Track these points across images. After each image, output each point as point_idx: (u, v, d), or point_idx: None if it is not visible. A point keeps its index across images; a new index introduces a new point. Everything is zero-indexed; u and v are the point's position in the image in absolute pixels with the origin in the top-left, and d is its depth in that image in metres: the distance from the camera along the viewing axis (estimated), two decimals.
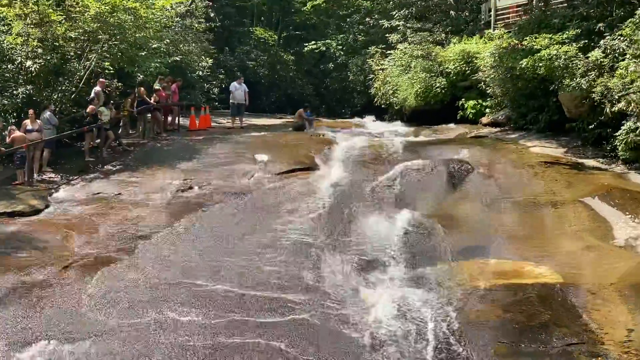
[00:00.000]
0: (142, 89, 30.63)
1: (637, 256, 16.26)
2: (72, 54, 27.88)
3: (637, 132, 18.27)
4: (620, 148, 21.86)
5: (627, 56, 18.89)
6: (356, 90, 49.03)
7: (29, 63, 26.84)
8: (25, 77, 26.96)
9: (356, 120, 41.55)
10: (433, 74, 36.50)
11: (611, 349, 12.90)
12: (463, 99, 34.57)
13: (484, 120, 32.80)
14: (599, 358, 12.68)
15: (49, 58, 27.13)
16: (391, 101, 40.14)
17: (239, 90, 36.97)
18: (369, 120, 40.52)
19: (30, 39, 26.69)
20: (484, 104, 33.20)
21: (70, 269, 16.54)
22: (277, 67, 51.12)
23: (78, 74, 28.01)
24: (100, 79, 28.21)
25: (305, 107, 38.69)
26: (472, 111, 33.72)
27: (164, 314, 14.10)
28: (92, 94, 27.56)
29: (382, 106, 41.83)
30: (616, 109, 18.81)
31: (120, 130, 29.44)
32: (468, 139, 29.23)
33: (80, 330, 13.60)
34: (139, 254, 17.32)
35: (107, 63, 28.95)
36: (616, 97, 18.52)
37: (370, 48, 45.16)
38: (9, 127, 24.00)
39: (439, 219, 19.04)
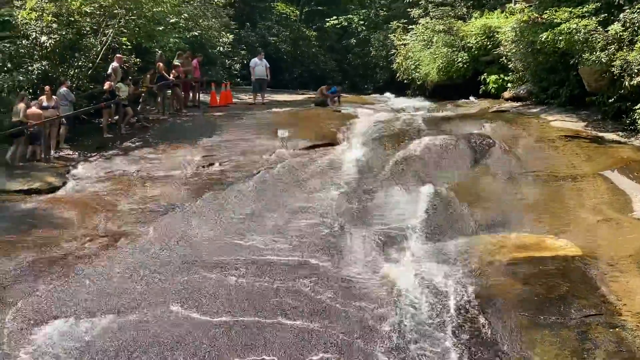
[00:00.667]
0: (161, 64, 30.68)
1: None
2: (87, 29, 27.98)
3: None
4: (639, 121, 21.90)
5: None
6: (378, 66, 49.05)
7: (43, 38, 26.91)
8: (40, 53, 27.07)
9: (378, 95, 41.51)
10: (455, 49, 36.51)
11: (629, 320, 12.99)
12: (485, 74, 34.55)
13: (506, 94, 32.81)
14: (617, 329, 12.77)
15: (64, 33, 27.22)
16: (413, 76, 40.17)
17: (259, 66, 36.87)
18: (391, 96, 40.51)
19: (44, 14, 26.77)
20: (505, 78, 33.19)
21: (88, 246, 16.69)
22: (299, 43, 51.09)
23: (94, 49, 28.12)
24: (118, 55, 28.31)
25: (328, 84, 38.75)
26: (494, 86, 33.73)
27: (187, 281, 14.38)
28: (110, 70, 27.68)
29: (405, 81, 41.87)
30: (635, 82, 18.85)
31: (139, 106, 29.55)
32: (490, 113, 29.26)
33: (100, 307, 13.75)
34: (158, 231, 17.43)
35: (124, 38, 29.05)
36: (635, 70, 18.55)
37: (392, 23, 45.16)
38: (20, 105, 24.07)
39: (461, 193, 19.12)
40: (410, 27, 41.74)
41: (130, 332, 12.87)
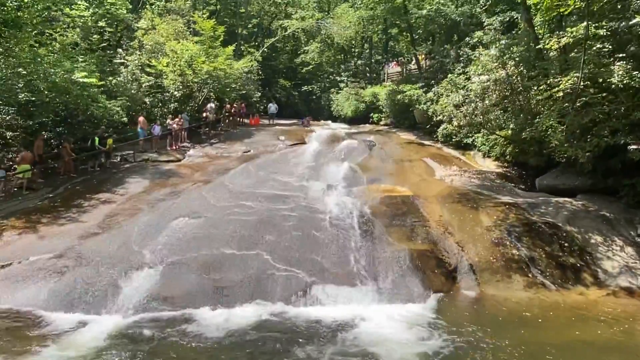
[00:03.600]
0: (228, 106, 30.45)
1: (445, 184, 16.45)
2: (195, 89, 27.58)
3: (446, 129, 18.63)
4: (439, 136, 22.18)
5: (443, 96, 19.05)
6: (325, 109, 48.43)
7: (175, 93, 26.67)
8: (174, 99, 26.81)
9: (324, 122, 41.33)
10: (359, 102, 36.45)
11: (432, 224, 13.22)
12: (372, 113, 34.44)
13: (381, 122, 32.67)
14: (426, 228, 12.96)
15: (185, 90, 26.95)
16: (340, 114, 39.84)
17: (272, 107, 37.12)
18: (330, 122, 40.30)
19: (176, 82, 26.44)
20: (381, 115, 33.03)
21: (195, 184, 16.68)
22: (290, 97, 50.41)
23: (198, 98, 27.78)
24: (211, 101, 28.11)
25: (306, 116, 38.65)
26: (376, 119, 33.56)
27: (239, 201, 14.43)
28: (208, 107, 27.55)
29: (336, 116, 41.55)
30: (438, 119, 18.94)
31: (218, 124, 29.28)
32: (374, 131, 29.14)
33: (200, 211, 13.77)
34: (227, 177, 17.35)
35: (212, 93, 28.73)
36: (438, 114, 18.63)
37: (331, 89, 44.75)
38: (168, 121, 24.05)
39: (360, 167, 19.08)
40: (339, 91, 41.47)
41: (214, 222, 12.98)
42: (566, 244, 12.17)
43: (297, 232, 12.61)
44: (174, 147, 23.25)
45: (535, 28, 17.15)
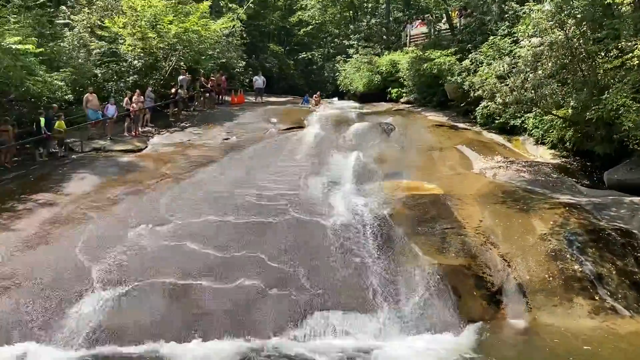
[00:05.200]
0: (203, 78, 30.45)
1: (485, 179, 16.48)
2: (161, 57, 27.54)
3: (487, 108, 18.45)
4: (478, 117, 22.12)
5: (484, 64, 19.00)
6: (329, 82, 48.41)
7: (135, 62, 26.72)
8: (133, 71, 26.85)
9: (329, 99, 41.27)
10: (373, 73, 36.37)
11: (469, 231, 13.17)
12: (390, 88, 34.41)
13: (402, 100, 32.71)
14: (462, 236, 12.92)
15: (147, 59, 26.95)
16: (349, 88, 39.82)
17: (258, 80, 37.02)
18: (336, 100, 40.28)
19: (136, 48, 26.46)
20: (402, 90, 33.04)
21: (159, 183, 16.66)
22: (283, 67, 50.35)
23: (164, 69, 27.78)
24: (181, 74, 28.11)
25: (309, 92, 38.61)
26: (395, 95, 33.60)
27: (218, 202, 14.35)
28: (179, 79, 27.70)
29: (344, 91, 41.50)
30: (476, 94, 18.86)
31: (191, 103, 29.27)
32: (392, 111, 29.16)
33: (167, 217, 13.75)
34: (200, 175, 17.37)
35: (182, 63, 28.67)
36: (477, 88, 18.55)
37: (337, 57, 44.66)
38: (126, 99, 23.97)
39: (375, 157, 19.09)
40: (347, 59, 41.36)
41: (185, 231, 12.92)
42: None
43: (293, 242, 12.58)
44: (134, 133, 23.23)
45: None
